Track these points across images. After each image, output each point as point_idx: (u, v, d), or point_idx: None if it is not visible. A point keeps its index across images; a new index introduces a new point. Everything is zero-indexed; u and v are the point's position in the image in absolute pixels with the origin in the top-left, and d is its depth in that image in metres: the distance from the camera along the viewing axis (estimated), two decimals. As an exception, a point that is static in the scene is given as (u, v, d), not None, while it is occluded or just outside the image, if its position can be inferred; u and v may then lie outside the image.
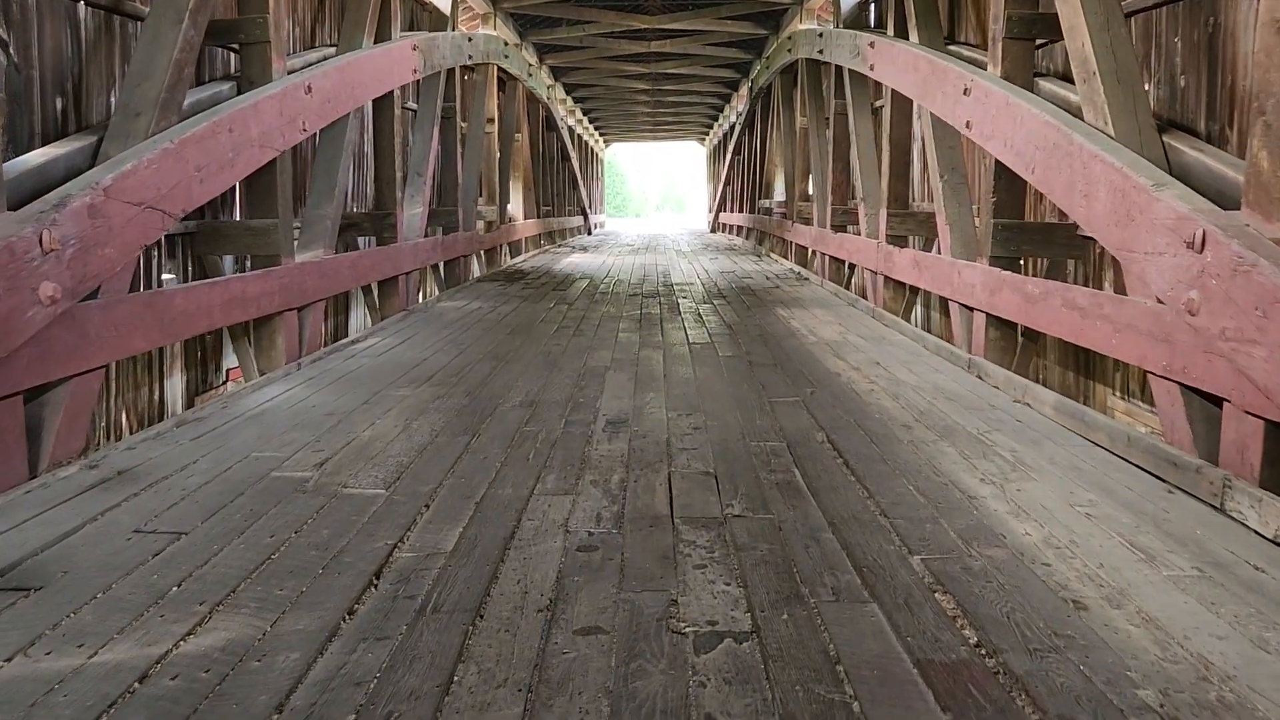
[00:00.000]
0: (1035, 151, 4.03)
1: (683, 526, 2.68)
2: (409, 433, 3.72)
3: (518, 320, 7.15)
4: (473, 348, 5.83)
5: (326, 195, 5.67)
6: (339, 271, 5.76)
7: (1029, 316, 4.32)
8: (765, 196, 16.70)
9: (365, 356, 5.47)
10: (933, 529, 2.65)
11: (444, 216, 9.52)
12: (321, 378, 4.82)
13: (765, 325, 6.83)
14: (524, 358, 5.48)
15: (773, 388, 4.61)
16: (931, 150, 5.90)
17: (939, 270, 5.80)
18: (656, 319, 7.21)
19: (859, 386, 4.62)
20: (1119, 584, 2.27)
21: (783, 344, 5.96)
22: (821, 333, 6.43)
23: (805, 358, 5.45)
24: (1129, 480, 3.09)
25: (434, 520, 2.73)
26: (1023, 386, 4.29)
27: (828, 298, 8.65)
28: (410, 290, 7.54)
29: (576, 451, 3.46)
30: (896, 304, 7.37)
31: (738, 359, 5.44)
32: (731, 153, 22.19)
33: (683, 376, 4.90)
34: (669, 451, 3.47)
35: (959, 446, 3.51)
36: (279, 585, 2.26)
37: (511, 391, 4.52)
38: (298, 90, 4.81)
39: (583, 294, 9.11)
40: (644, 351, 5.70)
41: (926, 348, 5.72)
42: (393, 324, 6.84)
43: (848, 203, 9.87)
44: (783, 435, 3.70)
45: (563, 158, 20.50)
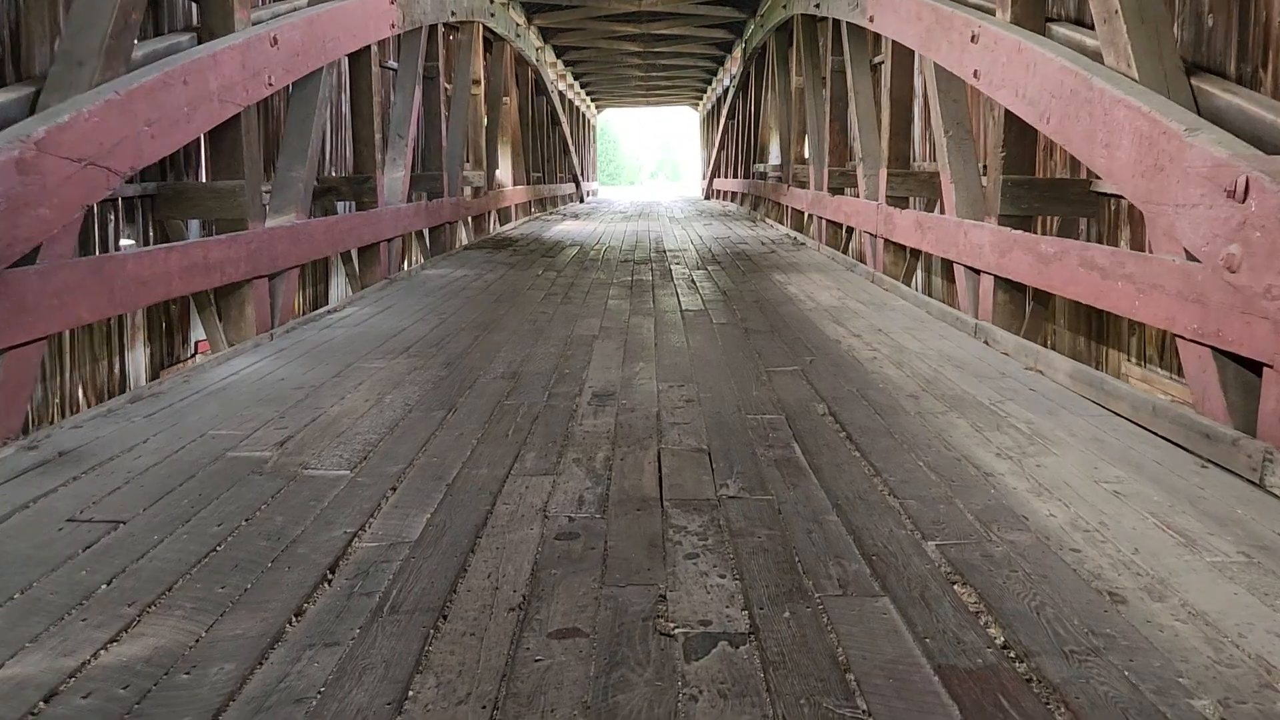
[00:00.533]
0: (1050, 99, 3.75)
1: (673, 510, 2.44)
2: (380, 408, 3.47)
3: (504, 288, 6.88)
4: (455, 317, 5.57)
5: (299, 156, 5.37)
6: (314, 237, 5.47)
7: (1042, 278, 4.06)
8: (760, 160, 16.36)
9: (342, 327, 5.20)
10: (947, 510, 2.41)
11: (428, 182, 9.20)
12: (293, 349, 4.56)
13: (761, 291, 6.57)
14: (508, 326, 5.22)
15: (770, 356, 4.36)
16: (935, 104, 5.61)
17: (944, 231, 5.53)
18: (648, 285, 6.94)
19: (861, 354, 4.37)
20: (1158, 572, 2.04)
21: (779, 310, 5.70)
22: (820, 298, 6.18)
23: (803, 324, 5.20)
24: (1157, 453, 2.86)
25: (400, 505, 2.49)
26: (1034, 353, 4.04)
27: (825, 262, 8.38)
28: (392, 258, 7.26)
29: (559, 427, 3.22)
30: (897, 268, 7.10)
31: (732, 326, 5.18)
32: (725, 116, 21.78)
33: (674, 345, 4.65)
34: (659, 426, 3.22)
35: (970, 418, 3.27)
36: (221, 581, 2.02)
37: (493, 363, 4.27)
38: (262, 42, 4.50)
39: (572, 261, 8.82)
40: (634, 319, 5.44)
41: (930, 313, 5.47)
42: (373, 293, 6.56)
43: (846, 164, 9.56)
44: (781, 407, 3.45)
45: (553, 122, 20.07)
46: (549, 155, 19.78)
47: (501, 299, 6.30)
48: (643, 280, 7.27)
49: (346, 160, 7.70)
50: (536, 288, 6.88)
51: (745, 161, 18.33)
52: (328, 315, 5.55)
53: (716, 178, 24.77)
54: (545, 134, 19.12)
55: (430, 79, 9.09)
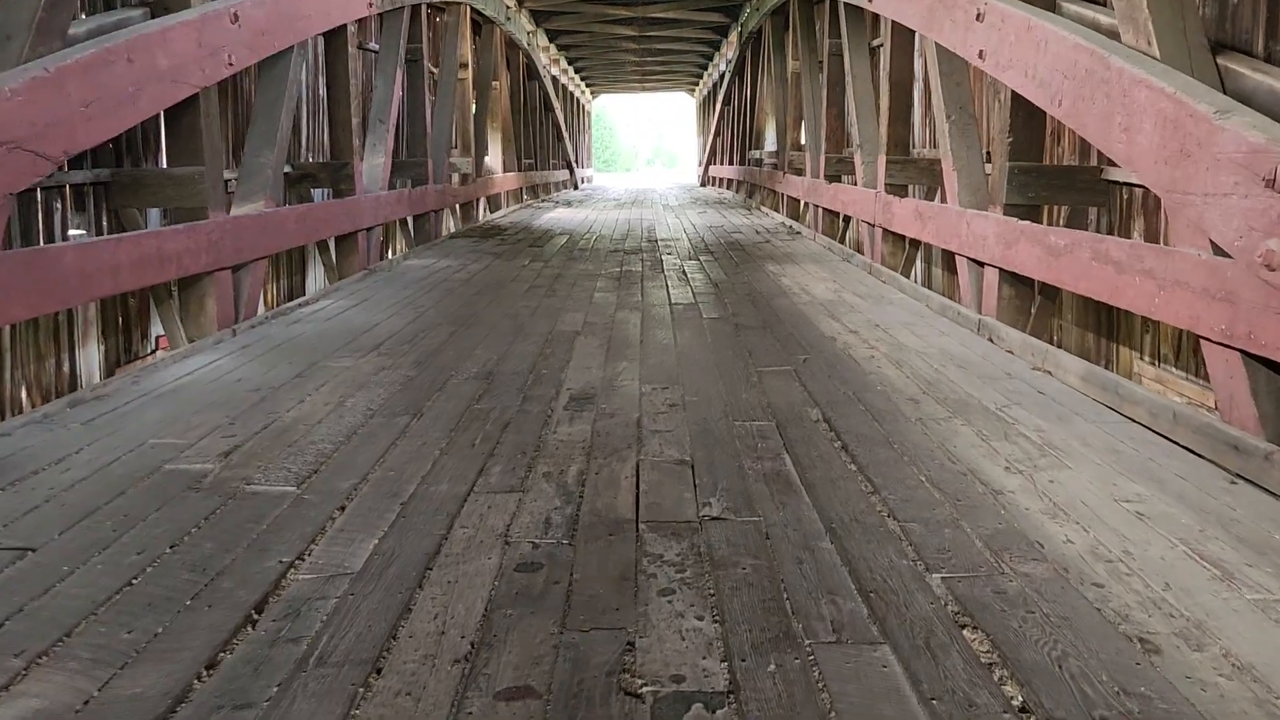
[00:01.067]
0: (1063, 80, 3.49)
1: (649, 535, 2.19)
2: (340, 412, 3.21)
3: (487, 279, 6.62)
4: (432, 311, 5.31)
5: (267, 141, 5.09)
6: (283, 226, 5.20)
7: (1051, 272, 3.81)
8: (756, 147, 16.07)
9: (312, 321, 4.94)
10: (953, 535, 2.17)
11: (412, 168, 8.92)
12: (256, 346, 4.30)
13: (754, 283, 6.31)
14: (487, 321, 4.96)
15: (761, 355, 4.11)
16: (937, 88, 5.34)
17: (945, 221, 5.27)
18: (637, 277, 6.68)
19: (857, 353, 4.12)
20: (1194, 613, 1.80)
21: (772, 304, 5.45)
22: (815, 291, 5.93)
23: (797, 320, 4.95)
24: (1180, 467, 2.62)
25: (347, 528, 2.24)
26: (1042, 352, 3.80)
27: (821, 253, 8.12)
28: (371, 247, 6.99)
29: (531, 436, 2.97)
30: (895, 259, 6.85)
31: (723, 321, 4.93)
32: (721, 102, 21.46)
33: (661, 342, 4.40)
34: (639, 435, 2.97)
35: (976, 425, 3.03)
36: (130, 624, 1.78)
37: (467, 361, 4.01)
38: (220, 18, 4.22)
39: (560, 251, 8.56)
40: (621, 314, 5.19)
41: (930, 307, 5.22)
42: (350, 284, 6.30)
43: (843, 150, 9.29)
44: (772, 413, 3.20)
45: (545, 108, 19.75)
46: (542, 141, 19.46)
47: (483, 291, 6.04)
48: (632, 271, 7.01)
49: (324, 146, 7.42)
50: (521, 279, 6.62)
51: (741, 148, 18.03)
52: (299, 309, 5.29)
53: (713, 164, 24.46)
54: (538, 120, 18.80)
55: (414, 62, 8.79)
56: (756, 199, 15.28)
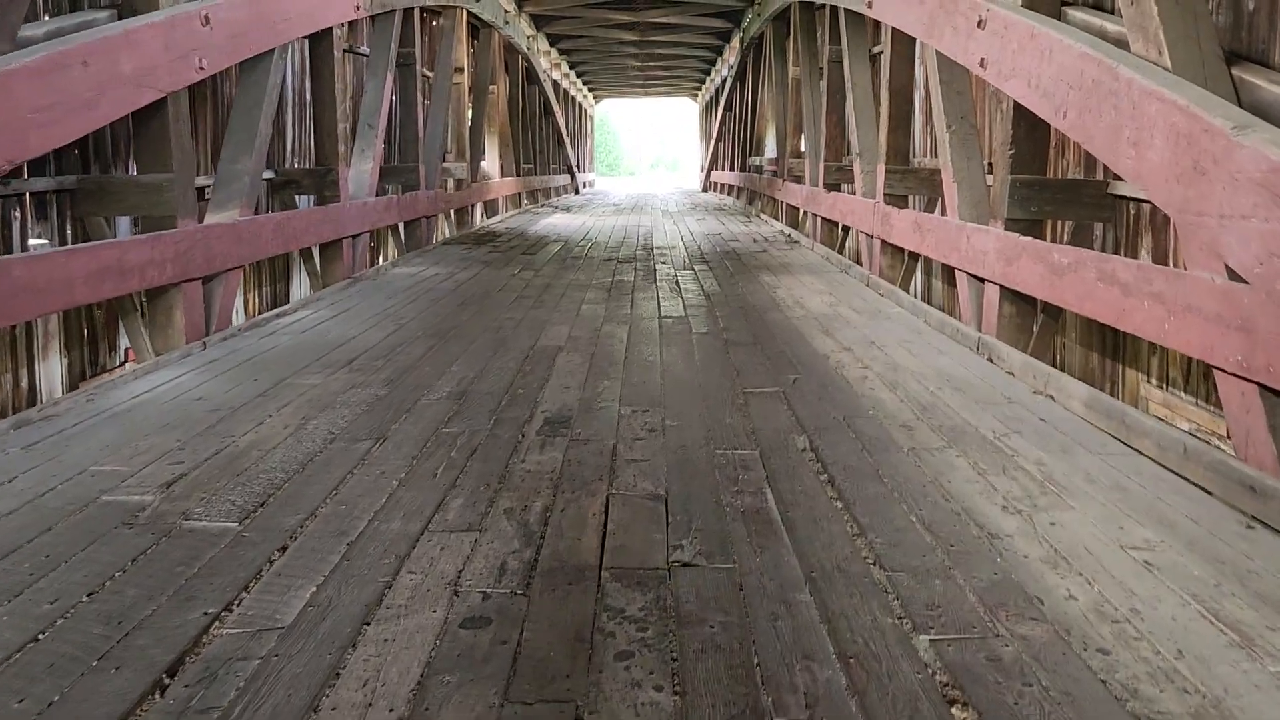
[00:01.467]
0: (1068, 91, 3.31)
1: (612, 585, 2.01)
2: (299, 436, 3.04)
3: (474, 289, 6.44)
4: (414, 322, 5.13)
5: (245, 147, 4.92)
6: (260, 235, 5.03)
7: (1054, 292, 3.63)
8: (756, 153, 15.90)
9: (287, 334, 4.77)
10: (944, 588, 1.99)
11: (404, 174, 8.75)
12: (225, 360, 4.13)
13: (748, 295, 6.13)
14: (468, 334, 4.78)
15: (750, 374, 3.93)
16: (937, 97, 5.17)
17: (944, 234, 5.09)
18: (628, 288, 6.50)
19: (850, 372, 3.94)
20: (1211, 688, 1.61)
21: (765, 318, 5.27)
22: (810, 304, 5.74)
23: (790, 335, 4.77)
24: (1192, 507, 2.43)
25: (285, 572, 2.06)
26: (1044, 375, 3.61)
27: (818, 263, 7.94)
28: (357, 255, 6.82)
29: (498, 464, 2.79)
30: (894, 271, 6.66)
31: (712, 337, 4.75)
32: (723, 108, 21.30)
33: (646, 360, 4.22)
34: (613, 464, 2.79)
35: (972, 456, 2.85)
36: (24, 690, 1.60)
37: (442, 379, 3.83)
38: (190, 20, 4.05)
39: (553, 259, 8.38)
40: (607, 327, 5.01)
41: (928, 323, 5.04)
42: (332, 293, 6.13)
43: (842, 159, 9.12)
44: (756, 440, 3.02)
45: (545, 113, 19.60)
46: (541, 146, 19.31)
47: (468, 302, 5.87)
48: (624, 281, 6.83)
49: (310, 151, 7.25)
50: (509, 289, 6.44)
51: (742, 154, 17.86)
52: (275, 319, 5.12)
53: (714, 170, 24.30)
54: (537, 124, 18.65)
55: (406, 66, 8.63)
56: (757, 206, 15.11)
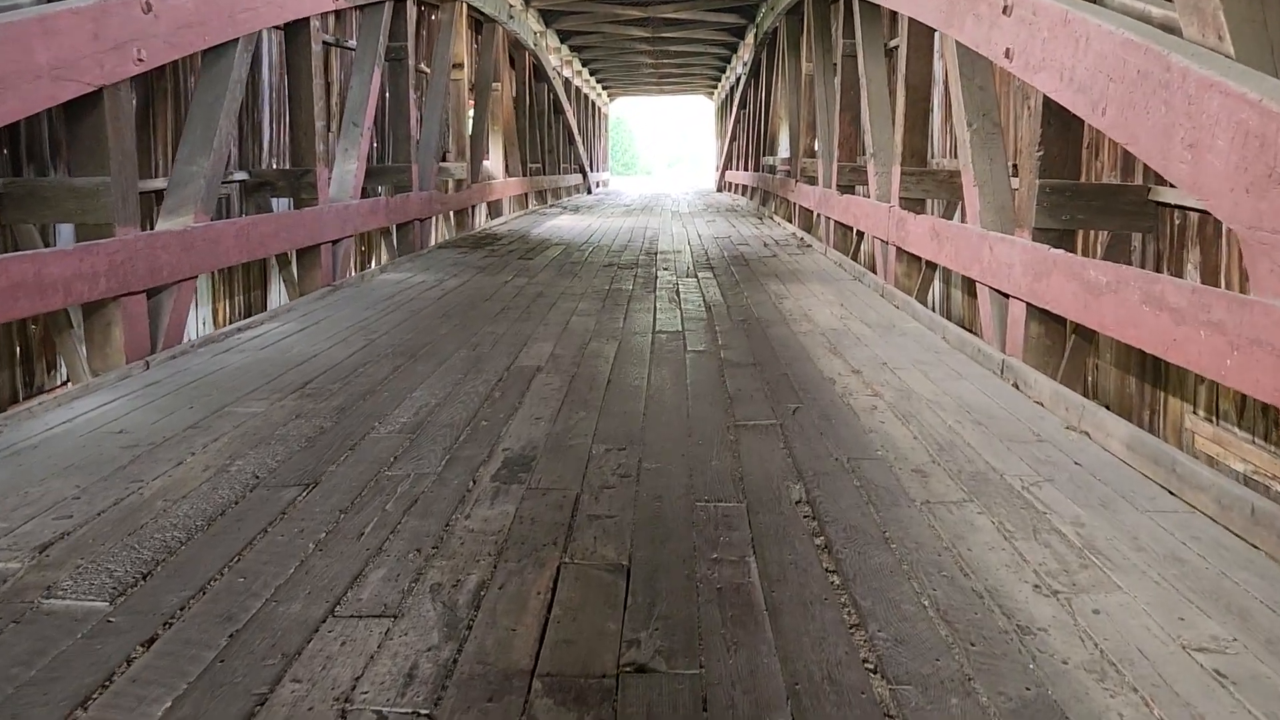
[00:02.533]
0: (1108, 84, 2.87)
1: (542, 700, 1.60)
2: (218, 482, 2.64)
3: (460, 299, 6.05)
4: (387, 337, 4.74)
5: (201, 148, 4.55)
6: (218, 243, 4.65)
7: (1090, 313, 3.19)
8: (770, 153, 15.45)
9: (244, 351, 4.39)
10: (963, 710, 1.57)
11: (395, 174, 8.38)
12: (166, 384, 3.75)
13: (752, 306, 5.71)
14: (442, 352, 4.39)
15: (745, 402, 3.51)
16: (957, 92, 4.73)
17: (964, 244, 4.65)
18: (624, 297, 6.09)
19: (858, 401, 3.51)
20: None
21: (769, 334, 4.84)
22: (818, 317, 5.31)
23: (794, 355, 4.34)
24: (1268, 590, 2.00)
25: (141, 678, 1.66)
26: (1078, 407, 3.18)
27: (830, 270, 7.50)
28: (338, 261, 6.44)
29: (438, 520, 2.38)
30: (910, 280, 6.22)
31: (709, 356, 4.33)
32: (737, 106, 20.86)
33: (631, 384, 3.80)
34: (573, 521, 2.38)
35: (997, 512, 2.42)
36: None
37: (400, 406, 3.44)
38: (128, 7, 3.68)
39: (551, 264, 7.98)
40: (595, 344, 4.60)
41: (947, 341, 4.60)
42: (307, 303, 5.75)
43: (857, 159, 8.67)
44: (744, 489, 2.61)
45: (555, 111, 19.21)
46: (551, 145, 18.92)
47: (450, 314, 5.47)
48: (621, 290, 6.42)
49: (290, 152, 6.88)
50: (497, 298, 6.04)
51: (756, 154, 17.42)
52: (236, 334, 4.74)
53: (728, 170, 23.85)
54: (546, 123, 18.26)
55: (398, 60, 8.26)
56: (770, 207, 14.66)
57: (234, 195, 6.01)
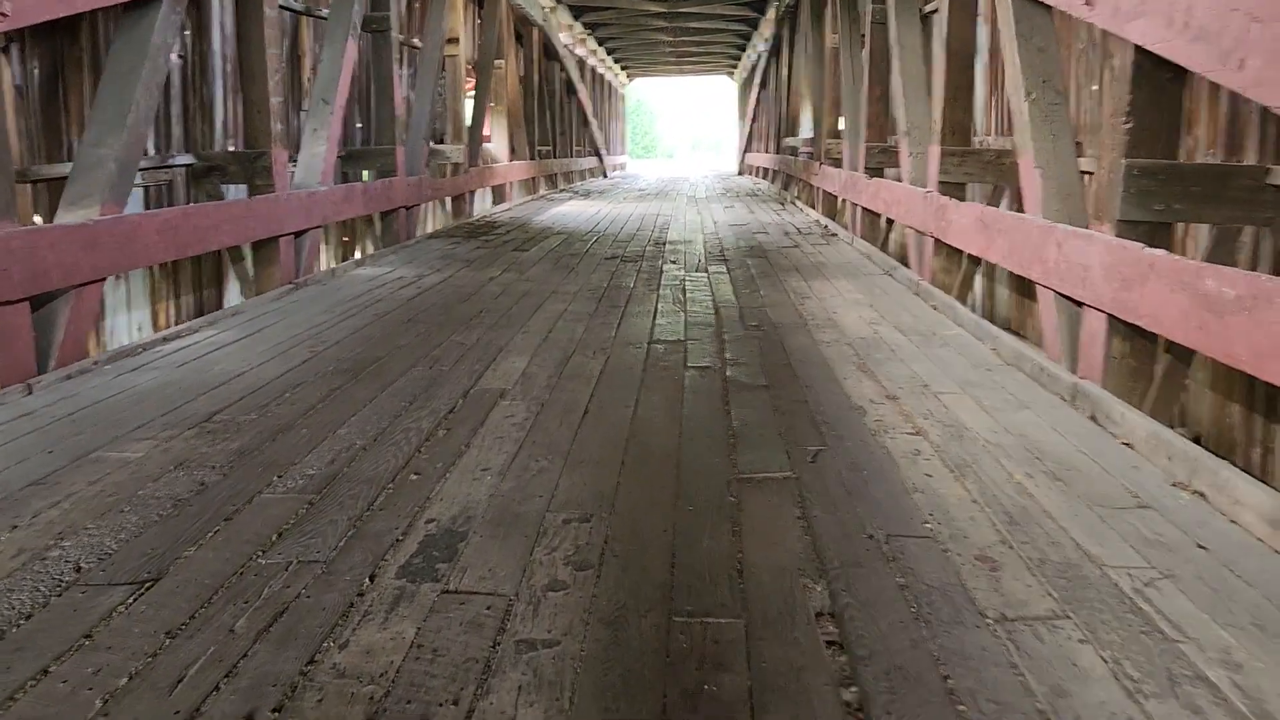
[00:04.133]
0: (1248, 26, 2.10)
1: None
2: (20, 579, 1.94)
3: (436, 298, 5.33)
4: (335, 349, 4.03)
5: (113, 127, 3.85)
6: (133, 239, 3.96)
7: (1211, 339, 2.42)
8: (791, 134, 14.61)
9: (157, 369, 3.69)
10: None
11: (379, 158, 7.66)
12: (38, 416, 3.05)
13: (768, 308, 4.95)
14: (394, 368, 3.67)
15: (753, 443, 2.77)
16: (1012, 56, 3.94)
17: (1023, 238, 3.87)
18: (622, 297, 5.35)
19: (897, 442, 2.76)
20: None
21: (787, 344, 4.09)
22: (845, 321, 4.55)
23: (815, 372, 3.59)
24: None
25: None
26: (1187, 457, 2.41)
27: (857, 262, 6.71)
28: (302, 256, 5.74)
29: (298, 655, 1.66)
30: (949, 275, 5.43)
31: (712, 375, 3.58)
32: (758, 85, 20.01)
33: (613, 417, 3.07)
34: (494, 654, 1.65)
35: (1107, 640, 1.67)
36: None
37: (315, 450, 2.72)
38: (-14, -51, 2.98)
39: (546, 256, 7.24)
40: (578, 359, 3.87)
41: (999, 354, 3.83)
42: (259, 305, 5.05)
43: (887, 139, 7.86)
44: (744, 592, 1.87)
45: (567, 91, 18.42)
46: (563, 127, 18.15)
47: (419, 317, 4.76)
48: (620, 288, 5.68)
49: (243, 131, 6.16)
50: (478, 298, 5.32)
51: (777, 135, 16.57)
52: (159, 345, 4.04)
53: (749, 152, 23.00)
54: (558, 103, 17.47)
55: (380, 32, 7.53)
56: (792, 191, 13.84)
57: (178, 182, 5.32)
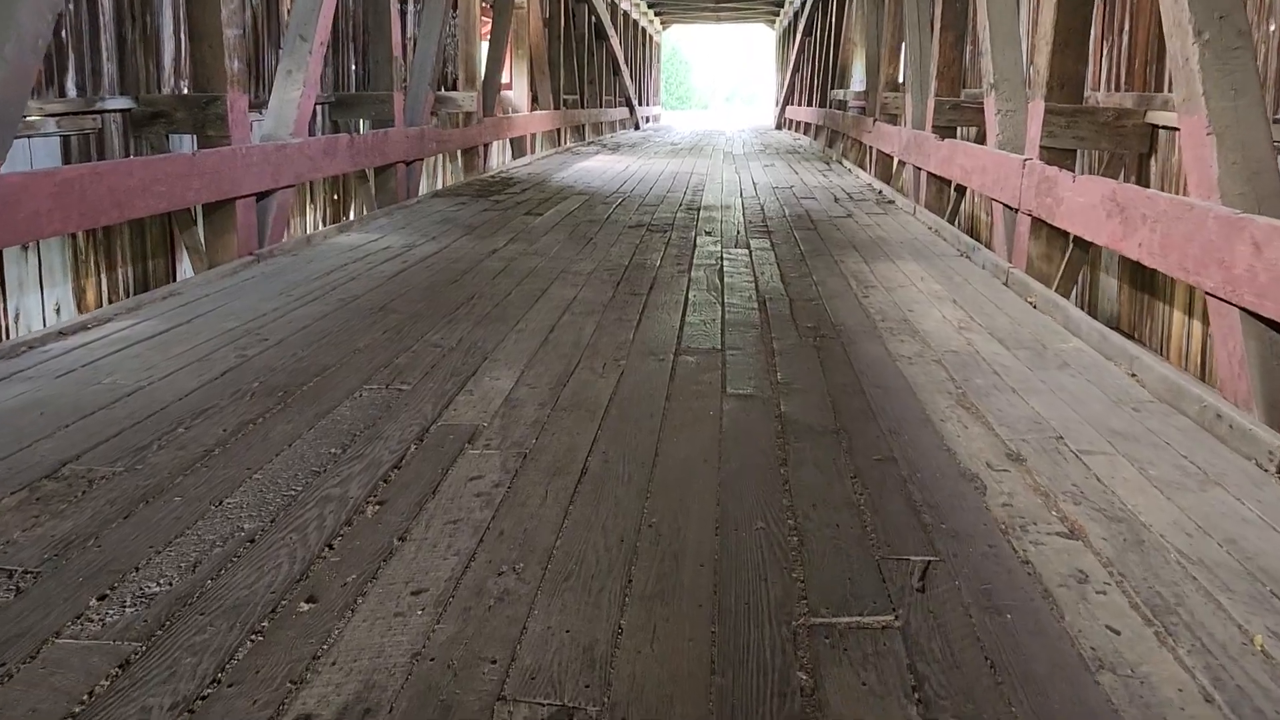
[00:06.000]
0: None
1: None
2: None
3: (422, 277, 4.41)
4: (274, 351, 3.14)
5: (-16, 58, 2.96)
6: (14, 205, 3.07)
7: None
8: (839, 86, 13.43)
9: (29, 378, 2.82)
10: None
11: (373, 105, 6.71)
12: None
13: (825, 300, 3.99)
14: (335, 389, 2.77)
15: (825, 545, 1.84)
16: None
17: (1185, 231, 2.87)
18: (646, 280, 4.40)
19: (1046, 556, 1.82)
20: None
21: (853, 356, 3.14)
22: (926, 324, 3.58)
23: (899, 407, 2.64)
24: None
25: None
26: None
27: (925, 238, 5.70)
28: (267, 221, 4.83)
29: None
30: (1049, 264, 4.42)
31: (760, 408, 2.65)
32: (801, 33, 18.71)
33: (620, 490, 2.14)
34: None
35: None
36: None
37: (177, 541, 1.84)
38: None
39: (563, 223, 6.29)
40: (582, 375, 2.94)
41: (1142, 384, 2.85)
42: (202, 285, 4.15)
43: (960, 92, 6.78)
44: None
45: (598, 36, 17.24)
46: (592, 75, 17.02)
47: (392, 305, 3.85)
48: (644, 266, 4.73)
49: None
50: (471, 278, 4.40)
51: (822, 87, 15.35)
52: (52, 341, 3.17)
53: (789, 105, 21.73)
54: (587, 50, 16.33)
55: (375, -42, 6.53)
56: (838, 149, 12.70)
57: (111, 131, 4.41)
